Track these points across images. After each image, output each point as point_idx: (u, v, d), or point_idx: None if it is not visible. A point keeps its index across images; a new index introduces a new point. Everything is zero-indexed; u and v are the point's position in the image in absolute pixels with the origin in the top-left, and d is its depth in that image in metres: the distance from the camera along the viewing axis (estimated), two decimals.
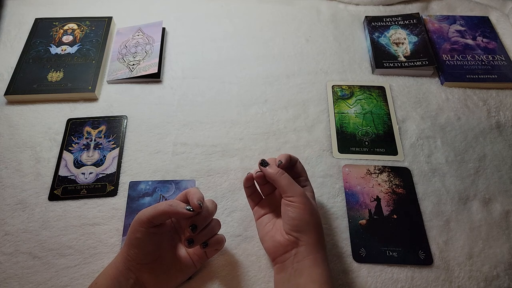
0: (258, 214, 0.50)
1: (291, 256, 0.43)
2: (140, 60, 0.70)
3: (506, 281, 0.49)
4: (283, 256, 0.44)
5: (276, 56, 0.73)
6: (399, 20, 0.77)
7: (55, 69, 0.67)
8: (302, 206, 0.44)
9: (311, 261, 0.42)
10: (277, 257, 0.45)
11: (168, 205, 0.42)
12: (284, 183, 0.45)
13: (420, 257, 0.51)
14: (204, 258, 0.48)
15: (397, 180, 0.57)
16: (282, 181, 0.45)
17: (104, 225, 0.53)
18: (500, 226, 0.54)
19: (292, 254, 0.43)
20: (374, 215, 0.54)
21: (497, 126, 0.64)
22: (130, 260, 0.43)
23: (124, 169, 0.58)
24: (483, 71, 0.69)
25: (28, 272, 0.49)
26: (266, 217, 0.49)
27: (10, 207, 0.54)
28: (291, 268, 0.43)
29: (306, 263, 0.42)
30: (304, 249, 0.43)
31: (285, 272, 0.44)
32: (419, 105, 0.66)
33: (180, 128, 0.63)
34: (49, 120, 0.63)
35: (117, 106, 0.65)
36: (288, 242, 0.44)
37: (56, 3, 0.80)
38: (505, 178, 0.58)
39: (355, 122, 0.64)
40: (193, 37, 0.76)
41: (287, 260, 0.44)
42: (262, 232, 0.48)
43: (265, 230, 0.47)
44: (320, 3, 0.82)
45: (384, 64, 0.70)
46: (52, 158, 0.59)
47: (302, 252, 0.43)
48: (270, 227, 0.47)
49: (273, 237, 0.46)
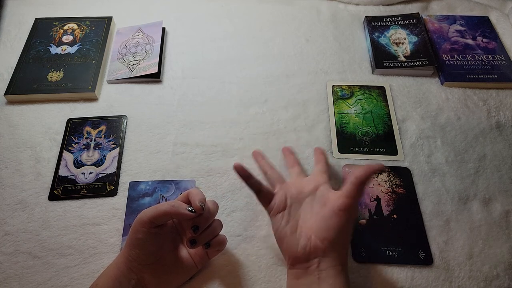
0: (275, 211, 0.46)
1: (314, 264, 0.42)
2: (140, 60, 0.70)
3: (506, 281, 0.49)
4: (306, 263, 0.43)
5: (276, 56, 0.73)
6: (399, 20, 0.77)
7: (55, 69, 0.67)
8: (352, 220, 0.44)
9: (336, 271, 0.42)
10: (298, 263, 0.43)
11: (170, 205, 0.42)
12: (356, 192, 0.43)
13: (420, 257, 0.51)
14: (206, 259, 0.48)
15: (397, 180, 0.57)
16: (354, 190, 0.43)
17: (104, 225, 0.53)
18: (500, 226, 0.54)
19: (315, 262, 0.42)
20: (374, 215, 0.54)
21: (497, 126, 0.64)
22: (131, 260, 0.43)
23: (124, 169, 0.58)
24: (483, 71, 0.69)
25: (28, 272, 0.49)
26: (283, 215, 0.46)
27: (10, 207, 0.54)
28: (313, 276, 0.42)
29: (330, 273, 0.42)
30: (330, 260, 0.42)
31: (305, 278, 0.42)
32: (419, 105, 0.66)
33: (180, 128, 0.63)
34: (49, 120, 0.63)
35: (117, 106, 0.65)
36: (314, 250, 0.43)
37: (56, 3, 0.79)
38: (505, 178, 0.58)
39: (355, 122, 0.64)
40: (193, 37, 0.76)
41: (310, 267, 0.43)
42: (281, 233, 0.45)
43: (286, 231, 0.45)
44: (320, 3, 0.82)
45: (384, 64, 0.70)
46: (52, 158, 0.59)
47: (326, 262, 0.42)
48: (291, 229, 0.45)
49: (297, 242, 0.43)
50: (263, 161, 0.55)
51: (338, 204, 0.43)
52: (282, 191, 0.48)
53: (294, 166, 0.55)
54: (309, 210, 0.46)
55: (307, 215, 0.46)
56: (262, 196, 0.47)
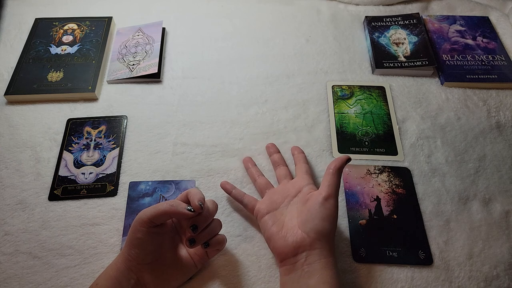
0: (261, 214, 0.49)
1: (302, 259, 0.43)
2: (140, 60, 0.70)
3: (506, 281, 0.49)
4: (294, 258, 0.44)
5: (276, 56, 0.73)
6: (399, 20, 0.77)
7: (55, 69, 0.67)
8: (336, 210, 0.45)
9: (323, 264, 0.43)
10: (286, 258, 0.44)
11: (169, 205, 0.42)
12: (336, 182, 0.46)
13: (420, 257, 0.51)
14: (205, 259, 0.48)
15: (397, 180, 0.57)
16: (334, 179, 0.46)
17: (104, 225, 0.53)
18: (500, 226, 0.54)
19: (303, 256, 0.43)
20: (374, 215, 0.54)
21: (497, 126, 0.64)
22: (131, 260, 0.43)
23: (124, 169, 0.58)
24: (483, 71, 0.69)
25: (28, 272, 0.49)
26: (269, 216, 0.48)
27: (10, 207, 0.54)
28: (301, 270, 0.43)
29: (317, 266, 0.42)
30: (317, 252, 0.43)
31: (295, 273, 0.43)
32: (419, 105, 0.66)
33: (180, 128, 0.63)
34: (49, 120, 0.63)
35: (117, 106, 0.65)
36: (301, 244, 0.43)
37: (56, 3, 0.80)
38: (505, 178, 0.58)
39: (355, 122, 0.64)
40: (193, 37, 0.76)
41: (298, 262, 0.43)
42: (268, 233, 0.47)
43: (272, 230, 0.47)
44: (320, 3, 0.82)
45: (384, 64, 0.70)
46: (52, 158, 0.59)
47: (314, 255, 0.43)
48: (277, 227, 0.47)
49: (284, 238, 0.45)
50: (253, 169, 0.57)
51: (322, 194, 0.45)
52: (268, 196, 0.52)
53: (279, 165, 0.57)
54: (294, 211, 0.48)
55: (292, 215, 0.48)
56: (245, 204, 0.52)
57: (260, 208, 0.50)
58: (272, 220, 0.48)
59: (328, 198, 0.45)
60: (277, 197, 0.51)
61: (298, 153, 0.58)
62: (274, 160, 0.58)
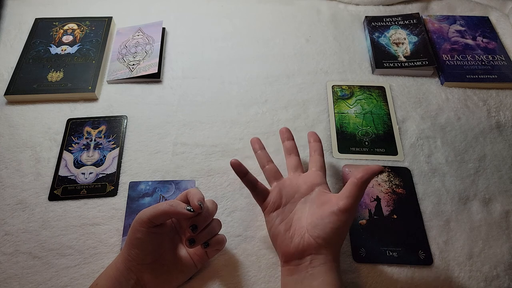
0: (269, 208, 0.47)
1: (307, 261, 0.43)
2: (140, 60, 0.70)
3: (506, 281, 0.49)
4: (299, 260, 0.43)
5: (276, 56, 0.73)
6: (399, 20, 0.77)
7: (55, 69, 0.67)
8: (350, 223, 0.44)
9: (327, 267, 0.42)
10: (292, 260, 0.44)
11: (168, 205, 0.42)
12: (358, 194, 0.42)
13: (420, 257, 0.51)
14: (205, 258, 0.48)
15: (397, 180, 0.57)
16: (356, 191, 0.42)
17: (104, 225, 0.53)
18: (500, 226, 0.54)
19: (308, 259, 0.43)
20: (374, 215, 0.54)
21: (497, 126, 0.64)
22: (130, 260, 0.43)
23: (124, 169, 0.58)
24: (483, 71, 0.69)
25: (28, 272, 0.49)
26: (277, 213, 0.47)
27: (10, 207, 0.54)
28: (305, 272, 0.42)
29: (322, 269, 0.42)
30: (322, 257, 0.43)
31: (298, 274, 0.43)
32: (419, 105, 0.66)
33: (180, 128, 0.63)
34: (49, 120, 0.63)
35: (117, 106, 0.65)
36: (307, 248, 0.43)
37: (56, 3, 0.80)
38: (505, 178, 0.58)
39: (355, 122, 0.64)
40: (193, 37, 0.76)
41: (302, 264, 0.43)
42: (275, 231, 0.46)
43: (280, 229, 0.46)
44: (320, 3, 0.82)
45: (384, 64, 0.70)
46: (52, 158, 0.59)
47: (319, 259, 0.43)
48: (285, 227, 0.46)
49: (290, 240, 0.44)
50: (261, 153, 0.53)
51: (339, 205, 0.43)
52: (277, 189, 0.49)
53: (291, 154, 0.54)
54: (303, 210, 0.47)
55: (302, 215, 0.46)
56: (257, 193, 0.48)
57: (269, 201, 0.48)
58: (280, 218, 0.46)
59: (344, 211, 0.42)
60: (287, 191, 0.48)
61: (314, 141, 0.54)
62: (286, 147, 0.54)
